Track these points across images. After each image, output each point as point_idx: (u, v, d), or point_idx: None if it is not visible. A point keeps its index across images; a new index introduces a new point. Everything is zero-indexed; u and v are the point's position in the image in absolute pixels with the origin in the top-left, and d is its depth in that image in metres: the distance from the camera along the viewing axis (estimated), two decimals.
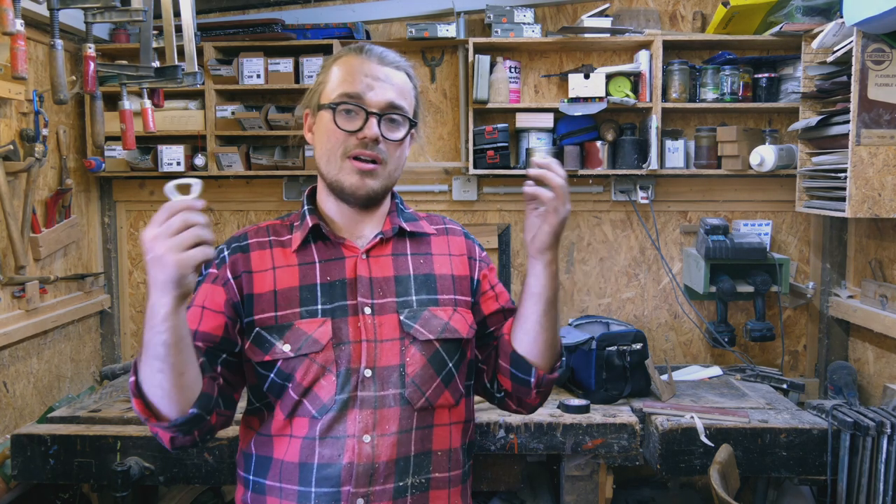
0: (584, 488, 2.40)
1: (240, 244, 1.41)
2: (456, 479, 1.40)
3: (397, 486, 1.31)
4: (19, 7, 1.78)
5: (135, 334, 3.32)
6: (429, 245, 1.46)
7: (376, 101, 1.34)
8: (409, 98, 1.40)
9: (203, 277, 1.39)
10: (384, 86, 1.35)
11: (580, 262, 3.23)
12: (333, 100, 1.34)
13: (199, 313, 1.34)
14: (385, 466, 1.30)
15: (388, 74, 1.36)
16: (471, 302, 1.46)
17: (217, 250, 1.40)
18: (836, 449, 2.26)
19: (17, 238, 2.53)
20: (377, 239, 1.40)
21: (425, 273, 1.42)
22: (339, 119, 1.33)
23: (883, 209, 2.44)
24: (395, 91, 1.36)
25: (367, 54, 1.37)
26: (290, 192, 3.21)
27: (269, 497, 1.35)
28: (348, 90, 1.34)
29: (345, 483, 1.29)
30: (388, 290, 1.37)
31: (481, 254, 1.52)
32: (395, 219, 1.44)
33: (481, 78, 2.93)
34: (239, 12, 3.22)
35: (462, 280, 1.45)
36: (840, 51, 2.54)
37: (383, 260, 1.40)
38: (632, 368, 2.56)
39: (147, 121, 2.44)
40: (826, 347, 3.13)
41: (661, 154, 3.01)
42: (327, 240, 1.40)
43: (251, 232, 1.43)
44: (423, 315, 1.37)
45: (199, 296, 1.36)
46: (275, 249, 1.40)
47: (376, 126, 1.33)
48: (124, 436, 2.30)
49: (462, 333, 1.40)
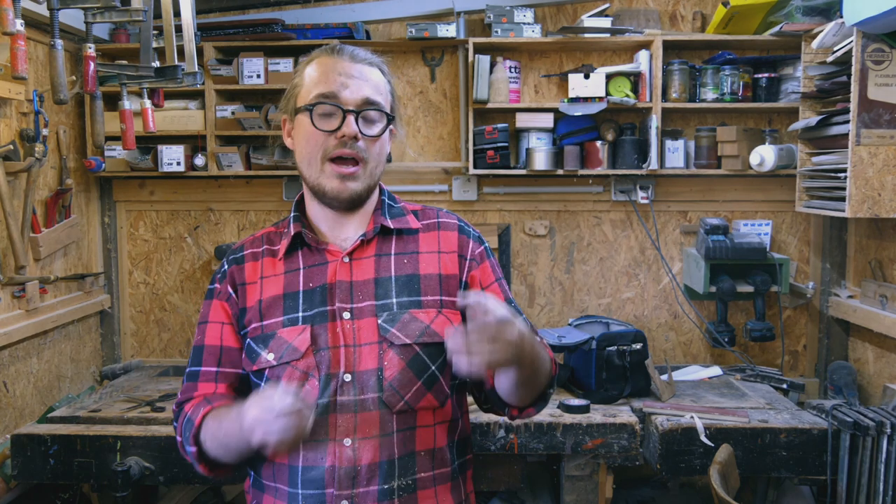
0: (584, 488, 2.40)
1: (236, 256, 1.46)
2: (443, 477, 1.39)
3: (382, 488, 1.32)
4: (19, 7, 1.77)
5: (135, 334, 3.32)
6: (416, 242, 1.43)
7: (352, 99, 1.34)
8: (385, 93, 1.39)
9: (211, 291, 1.46)
10: (358, 83, 1.35)
11: (580, 262, 3.23)
12: (309, 101, 1.34)
13: (220, 330, 1.42)
14: (367, 469, 1.31)
15: (361, 71, 1.36)
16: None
17: (221, 265, 1.47)
18: (836, 449, 2.26)
19: (17, 238, 2.53)
20: (359, 241, 1.40)
21: (408, 273, 1.40)
22: (317, 120, 1.33)
23: (883, 209, 2.44)
24: (369, 87, 1.36)
25: (338, 54, 1.38)
26: (290, 192, 3.21)
27: (266, 494, 1.40)
28: (323, 90, 1.34)
29: (328, 485, 1.31)
30: (368, 293, 1.37)
31: (475, 250, 1.47)
32: (379, 217, 1.43)
33: (481, 78, 2.93)
34: (239, 12, 3.22)
35: (450, 279, 1.42)
36: (840, 51, 2.54)
37: (365, 262, 1.40)
38: (632, 368, 2.56)
39: (147, 121, 2.44)
40: (826, 347, 3.13)
41: (661, 154, 3.01)
42: (311, 246, 1.41)
43: (247, 243, 1.48)
44: (402, 318, 1.35)
45: (213, 311, 1.43)
46: (265, 259, 1.43)
47: (354, 123, 1.33)
48: (124, 436, 2.30)
49: (444, 336, 1.30)
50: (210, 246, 3.27)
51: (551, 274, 3.24)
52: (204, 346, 1.42)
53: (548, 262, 3.24)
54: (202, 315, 1.45)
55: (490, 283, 1.46)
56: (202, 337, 1.43)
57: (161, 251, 3.29)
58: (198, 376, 1.41)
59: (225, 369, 1.41)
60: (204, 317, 1.44)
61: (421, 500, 1.36)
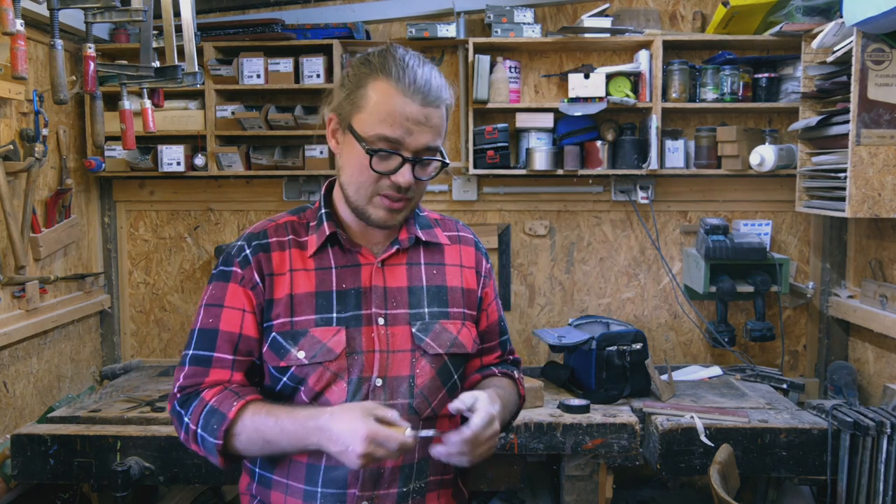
0: (584, 488, 2.40)
1: (261, 243, 1.38)
2: (448, 482, 1.44)
3: (401, 490, 1.35)
4: (19, 7, 1.77)
5: (135, 334, 3.32)
6: (442, 255, 1.46)
7: (414, 146, 1.29)
8: (443, 133, 1.35)
9: (226, 273, 1.38)
10: (423, 129, 1.29)
11: (580, 262, 3.23)
12: (370, 139, 1.28)
13: (241, 317, 1.36)
14: (391, 472, 1.34)
15: (428, 116, 1.29)
16: (475, 316, 1.49)
17: (237, 247, 1.39)
18: (836, 449, 2.26)
19: (17, 238, 2.53)
20: (394, 249, 1.41)
21: (438, 285, 1.43)
22: (375, 163, 1.29)
23: (883, 209, 2.43)
24: (432, 133, 1.31)
25: (410, 89, 1.28)
26: (290, 192, 3.21)
27: (274, 491, 1.38)
28: (388, 134, 1.28)
29: (351, 486, 1.33)
30: (402, 300, 1.39)
31: (486, 267, 1.53)
32: (412, 227, 1.43)
33: (481, 78, 2.93)
34: (239, 12, 3.22)
35: (471, 293, 1.47)
36: (840, 51, 2.54)
37: (398, 269, 1.41)
38: (632, 368, 2.56)
39: (147, 121, 2.44)
40: (826, 347, 3.13)
41: (661, 154, 3.01)
42: (344, 246, 1.40)
43: (271, 230, 1.41)
44: (434, 328, 1.39)
45: (230, 296, 1.36)
46: (293, 250, 1.39)
47: (409, 174, 1.30)
48: (124, 436, 2.30)
49: (468, 348, 1.43)
50: (210, 246, 3.27)
51: (551, 274, 3.24)
52: (219, 330, 1.35)
53: (548, 262, 3.24)
54: (214, 297, 1.36)
55: (491, 301, 1.53)
56: (215, 321, 1.35)
57: (161, 251, 3.29)
58: (210, 361, 1.35)
59: (242, 358, 1.36)
60: (217, 299, 1.36)
61: (429, 501, 1.40)
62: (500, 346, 1.56)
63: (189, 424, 1.32)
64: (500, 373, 1.53)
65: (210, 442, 1.29)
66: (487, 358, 1.54)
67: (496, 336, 1.54)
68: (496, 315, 1.54)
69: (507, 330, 1.59)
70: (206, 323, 1.36)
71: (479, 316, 1.50)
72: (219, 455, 1.30)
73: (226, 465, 1.34)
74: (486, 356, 1.54)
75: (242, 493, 1.47)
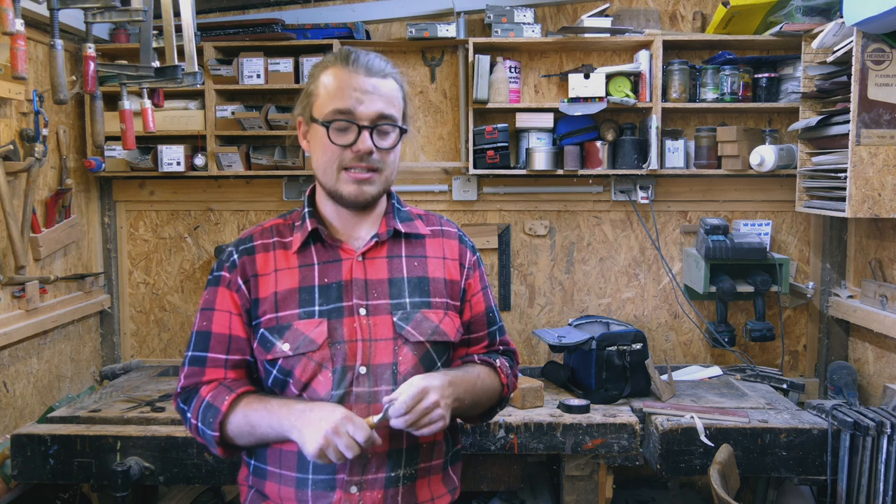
0: (584, 488, 2.40)
1: (246, 247, 1.49)
2: (437, 468, 1.49)
3: (389, 476, 1.41)
4: (19, 7, 1.77)
5: (135, 334, 3.32)
6: (423, 247, 1.52)
7: (367, 114, 1.39)
8: (398, 104, 1.44)
9: (217, 278, 1.48)
10: (373, 98, 1.39)
11: (580, 262, 3.23)
12: (326, 116, 1.40)
13: (229, 319, 1.45)
14: (377, 457, 1.40)
15: (375, 85, 1.40)
16: (459, 306, 1.54)
17: (227, 253, 1.50)
18: (836, 449, 2.26)
19: (17, 238, 2.53)
20: (373, 242, 1.47)
21: (419, 276, 1.49)
22: (333, 135, 1.39)
23: (883, 209, 2.44)
24: (383, 101, 1.41)
25: (353, 66, 1.40)
26: (290, 192, 3.21)
27: (268, 481, 1.45)
28: (339, 106, 1.38)
29: (339, 471, 1.40)
30: (382, 291, 1.45)
31: (471, 259, 1.58)
32: (391, 220, 1.50)
33: (481, 78, 2.93)
34: (239, 12, 3.22)
35: (453, 284, 1.53)
36: (840, 51, 2.54)
37: (378, 262, 1.47)
38: (632, 368, 2.56)
39: (147, 121, 2.44)
40: (826, 347, 3.13)
41: (661, 154, 3.01)
42: (326, 242, 1.47)
43: (256, 234, 1.51)
44: (415, 317, 1.45)
45: (220, 299, 1.46)
46: (277, 251, 1.48)
47: (369, 139, 1.39)
48: (124, 436, 2.30)
49: (450, 337, 1.49)
50: (210, 246, 3.27)
51: (551, 274, 3.24)
52: (211, 332, 1.46)
53: (548, 262, 3.24)
54: (207, 301, 1.48)
55: (476, 292, 1.58)
56: (208, 323, 1.46)
57: (161, 251, 3.29)
58: (205, 361, 1.46)
59: (234, 357, 1.46)
60: (209, 303, 1.47)
61: (419, 488, 1.45)
62: (489, 337, 1.60)
63: (191, 419, 1.45)
64: (480, 360, 1.58)
65: (209, 434, 1.40)
66: (475, 348, 1.59)
67: (483, 327, 1.59)
68: (482, 306, 1.58)
69: (499, 321, 1.63)
70: (201, 326, 1.48)
71: (463, 307, 1.55)
72: (217, 445, 1.42)
73: (226, 454, 1.45)
74: (473, 346, 1.59)
75: (241, 483, 1.54)
